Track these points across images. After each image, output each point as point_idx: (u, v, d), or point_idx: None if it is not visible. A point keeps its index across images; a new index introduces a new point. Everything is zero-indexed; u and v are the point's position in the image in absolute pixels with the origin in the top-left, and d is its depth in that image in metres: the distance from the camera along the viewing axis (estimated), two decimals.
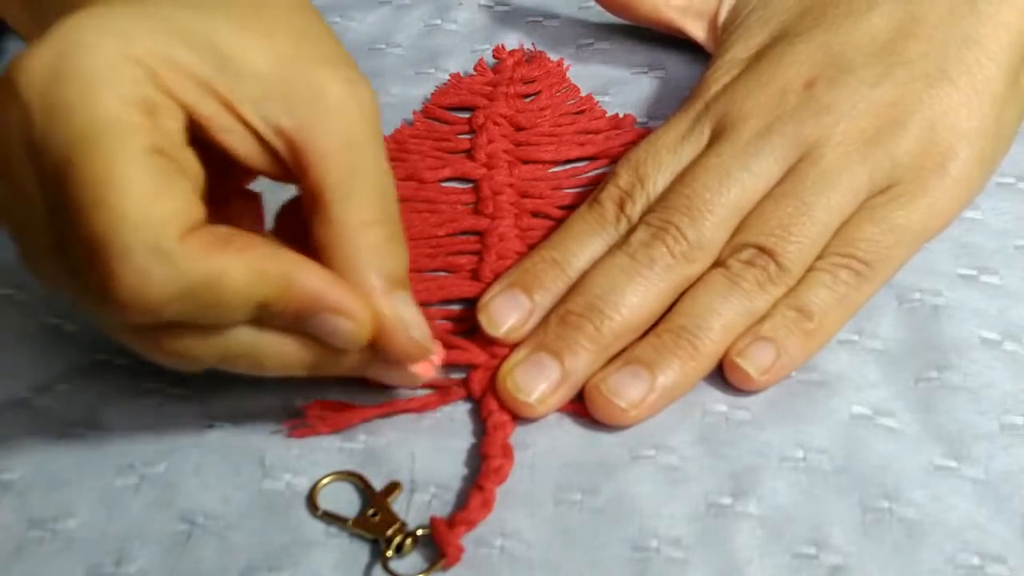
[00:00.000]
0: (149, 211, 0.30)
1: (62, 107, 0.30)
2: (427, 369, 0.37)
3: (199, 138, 0.33)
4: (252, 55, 0.33)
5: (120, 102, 0.31)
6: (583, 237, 0.40)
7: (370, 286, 0.34)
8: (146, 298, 0.30)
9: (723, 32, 0.47)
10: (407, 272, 0.35)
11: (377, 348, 0.35)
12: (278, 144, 0.34)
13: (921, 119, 0.41)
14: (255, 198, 0.38)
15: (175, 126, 0.32)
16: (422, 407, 0.38)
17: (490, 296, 0.39)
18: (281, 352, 0.34)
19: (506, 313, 0.39)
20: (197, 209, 0.32)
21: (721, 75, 0.44)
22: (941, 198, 0.41)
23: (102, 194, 0.30)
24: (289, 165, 0.34)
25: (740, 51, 0.45)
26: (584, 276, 0.39)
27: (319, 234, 0.34)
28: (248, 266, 0.32)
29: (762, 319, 0.38)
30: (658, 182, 0.41)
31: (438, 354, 0.37)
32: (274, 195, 0.39)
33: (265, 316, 0.33)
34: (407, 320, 0.34)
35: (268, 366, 0.34)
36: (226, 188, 0.36)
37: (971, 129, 0.41)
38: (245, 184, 0.37)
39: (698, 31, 0.49)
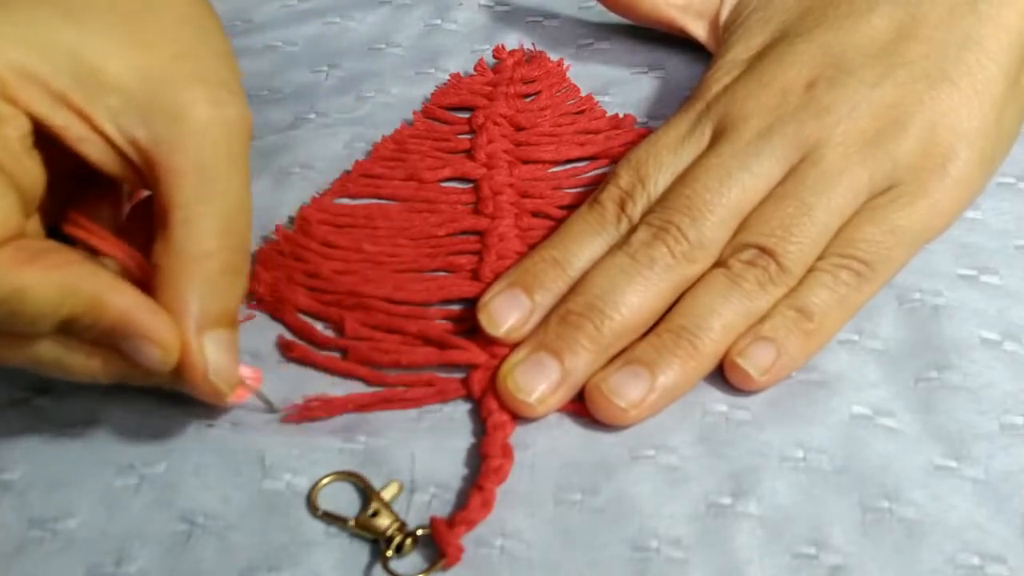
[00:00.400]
0: None
1: None
2: (236, 397, 0.36)
3: (53, 141, 0.33)
4: (116, 67, 0.33)
5: None
6: (584, 237, 0.40)
7: (185, 319, 0.34)
8: None
9: (724, 32, 0.47)
10: (235, 309, 0.35)
11: (179, 375, 0.34)
12: (134, 156, 0.34)
13: (922, 120, 0.41)
14: (117, 188, 0.37)
15: (15, 134, 0.32)
16: (418, 401, 0.38)
17: (490, 296, 0.39)
18: (87, 363, 0.34)
19: (506, 313, 0.39)
20: (14, 222, 0.32)
21: (722, 75, 0.44)
22: (942, 199, 0.41)
23: None
24: (145, 177, 0.34)
25: (741, 51, 0.45)
26: (584, 276, 0.39)
27: (156, 252, 0.34)
28: (55, 282, 0.32)
29: (762, 319, 0.38)
30: (659, 182, 0.41)
31: (253, 380, 0.37)
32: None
33: (72, 330, 0.33)
34: (211, 362, 0.34)
35: (74, 374, 0.35)
36: (91, 179, 0.36)
37: (971, 130, 0.41)
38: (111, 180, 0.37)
39: (699, 31, 0.49)
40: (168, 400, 0.38)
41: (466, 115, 0.49)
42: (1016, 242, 0.43)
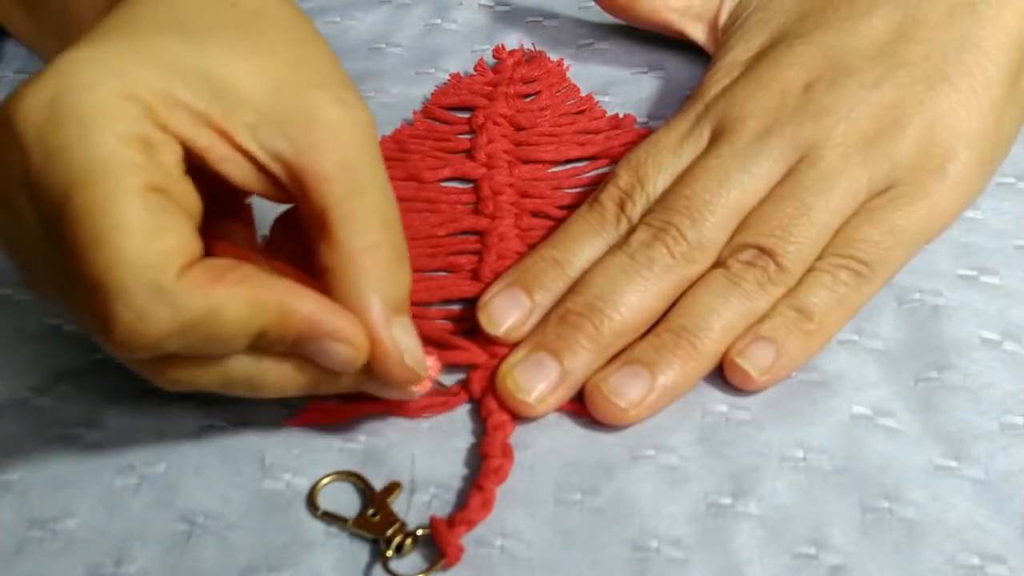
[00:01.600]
0: (147, 250, 0.30)
1: (59, 147, 0.30)
2: (422, 386, 0.37)
3: (196, 164, 0.33)
4: (245, 81, 0.33)
5: (117, 141, 0.31)
6: (583, 237, 0.40)
7: (370, 312, 0.34)
8: (145, 336, 0.31)
9: (723, 34, 0.47)
10: (408, 297, 0.35)
11: (372, 370, 0.35)
12: (276, 170, 0.34)
13: (921, 121, 0.41)
14: (247, 209, 0.38)
15: (172, 159, 0.32)
16: (421, 411, 0.38)
17: (490, 295, 0.39)
18: (279, 376, 0.34)
19: (506, 312, 0.39)
20: (194, 244, 0.32)
21: (721, 77, 0.44)
22: (941, 200, 0.41)
23: (100, 234, 0.30)
24: (289, 189, 0.34)
25: (740, 53, 0.45)
26: (584, 276, 0.39)
27: (322, 256, 0.34)
28: (245, 298, 0.32)
29: (762, 319, 0.38)
30: (658, 183, 0.41)
31: (433, 369, 0.37)
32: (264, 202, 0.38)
33: (263, 344, 0.33)
34: (404, 347, 0.34)
35: (267, 389, 0.34)
36: (221, 205, 0.36)
37: (971, 131, 0.41)
38: (241, 200, 0.38)
39: (698, 33, 0.49)
40: (168, 400, 0.38)
41: (466, 115, 0.49)
42: (1016, 242, 0.43)
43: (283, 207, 0.37)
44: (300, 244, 0.36)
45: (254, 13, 0.36)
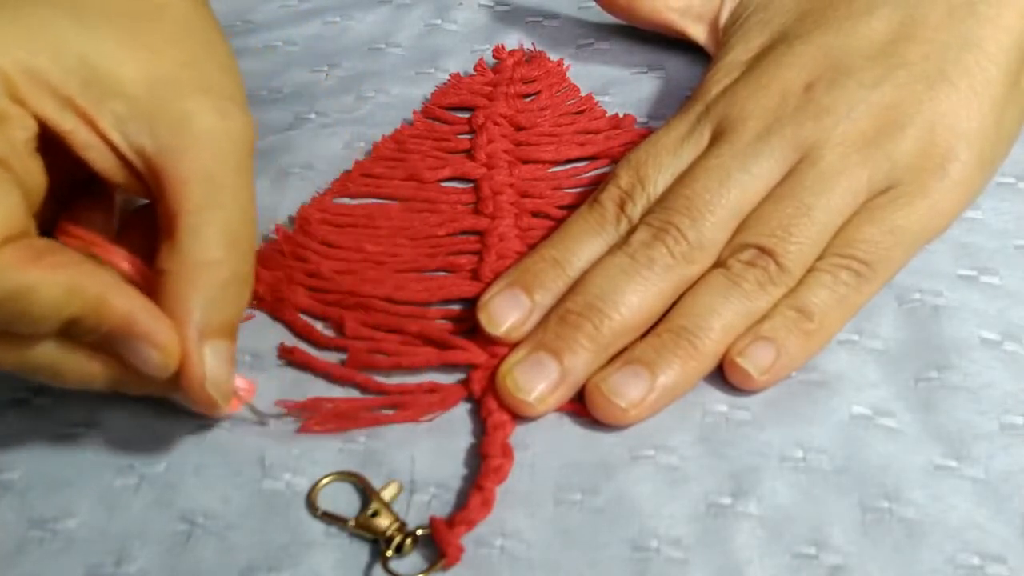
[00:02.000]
0: None
1: None
2: (231, 407, 0.36)
3: (57, 143, 0.33)
4: (125, 73, 0.33)
5: None
6: (583, 237, 0.40)
7: (187, 325, 0.33)
8: None
9: (724, 34, 0.47)
10: (237, 321, 0.35)
11: (176, 383, 0.34)
12: (138, 165, 0.33)
13: (921, 121, 0.41)
14: (110, 196, 0.37)
15: (21, 136, 0.32)
16: (418, 415, 0.38)
17: (490, 295, 0.39)
18: (83, 368, 0.34)
19: (506, 312, 0.39)
20: (20, 221, 0.32)
21: (721, 77, 0.44)
22: (941, 199, 0.41)
23: None
24: (149, 185, 0.34)
25: (740, 53, 0.45)
26: (584, 276, 0.39)
27: (162, 258, 0.34)
28: (62, 283, 0.32)
29: (762, 319, 0.38)
30: (658, 183, 0.41)
31: (245, 393, 0.37)
32: None
33: (74, 332, 0.33)
34: (209, 373, 0.34)
35: (68, 380, 0.34)
36: (83, 185, 0.36)
37: (971, 131, 0.41)
38: (109, 187, 0.37)
39: (699, 33, 0.49)
40: (168, 401, 0.38)
41: (466, 115, 0.49)
42: (1016, 242, 0.43)
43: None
44: (151, 240, 0.35)
45: (155, 5, 0.35)
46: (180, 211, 0.33)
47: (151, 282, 0.34)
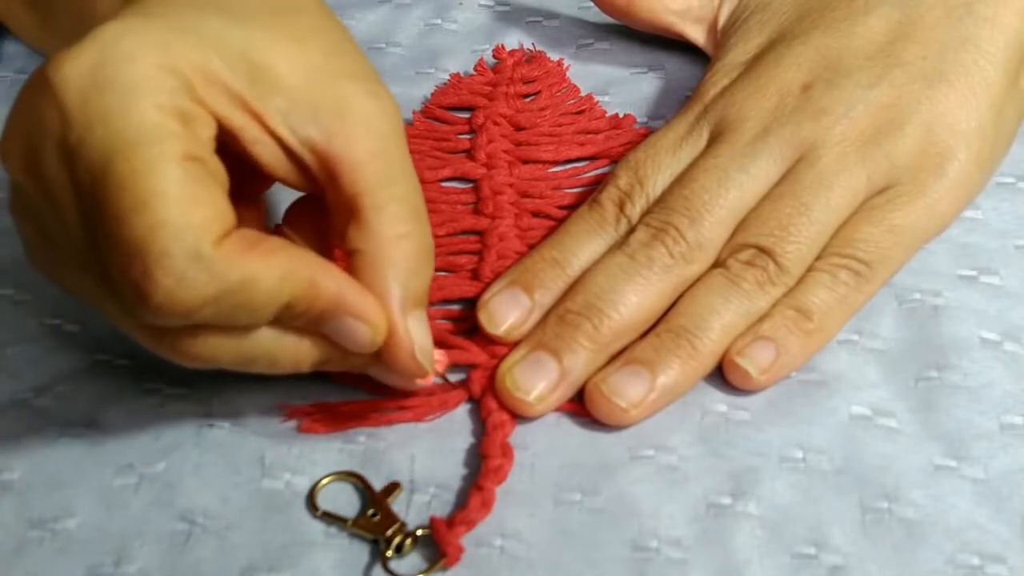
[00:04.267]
0: (188, 216, 0.31)
1: (102, 113, 0.31)
2: (425, 380, 0.37)
3: (224, 147, 0.33)
4: (282, 66, 0.34)
5: (158, 110, 0.31)
6: (583, 237, 0.40)
7: (391, 298, 0.34)
8: (182, 301, 0.31)
9: (722, 36, 0.48)
10: (427, 290, 0.36)
11: (381, 356, 0.35)
12: (305, 156, 0.34)
13: (919, 120, 0.41)
14: (261, 201, 0.38)
15: (207, 134, 0.33)
16: (420, 416, 0.38)
17: (490, 294, 0.39)
18: (296, 351, 0.35)
19: (506, 311, 0.39)
20: (230, 215, 0.32)
21: (720, 78, 0.44)
22: (940, 199, 0.41)
23: (142, 199, 0.30)
24: (317, 176, 0.34)
25: (739, 54, 0.45)
26: (583, 276, 0.39)
27: (352, 240, 0.34)
28: (278, 268, 0.32)
29: (762, 319, 0.38)
30: (657, 183, 0.41)
31: (440, 364, 0.38)
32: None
33: (287, 317, 0.33)
34: (416, 340, 0.35)
35: (281, 365, 0.35)
36: (235, 194, 0.36)
37: (969, 130, 0.41)
38: (259, 190, 0.38)
39: (697, 35, 0.49)
40: (168, 400, 0.38)
41: (466, 115, 0.49)
42: (1016, 242, 0.43)
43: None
44: (312, 233, 0.36)
45: (290, 1, 0.36)
46: (360, 192, 0.34)
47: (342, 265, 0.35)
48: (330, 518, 0.35)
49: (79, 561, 0.34)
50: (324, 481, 0.36)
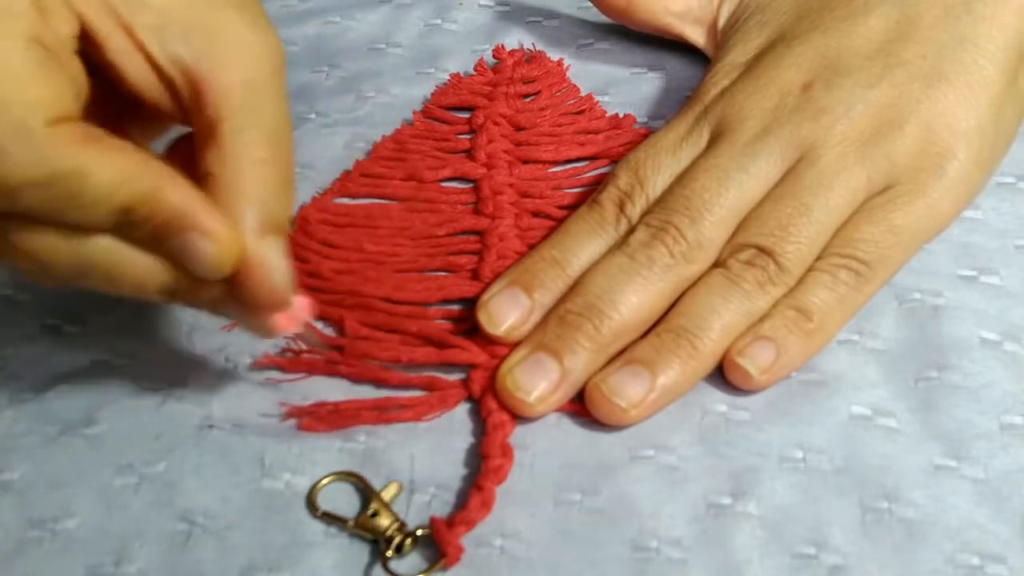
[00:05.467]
0: (20, 91, 0.30)
1: None
2: (288, 322, 0.36)
3: (95, 70, 0.33)
4: None
5: None
6: (583, 237, 0.40)
7: (245, 221, 0.33)
8: (4, 176, 0.30)
9: (722, 36, 0.48)
10: (286, 220, 0.35)
11: (235, 287, 0.34)
12: (174, 74, 0.34)
13: (918, 120, 0.41)
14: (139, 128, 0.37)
15: (66, 32, 0.32)
16: (420, 415, 0.38)
17: (490, 295, 0.39)
18: (138, 269, 0.34)
19: (506, 312, 0.39)
20: (72, 105, 0.32)
21: (720, 78, 0.44)
22: (940, 199, 0.41)
23: None
24: (183, 97, 0.34)
25: (739, 55, 0.45)
26: (583, 276, 0.39)
27: (207, 162, 0.34)
28: (116, 167, 0.32)
29: (762, 319, 0.38)
30: (657, 183, 0.41)
31: (303, 308, 0.36)
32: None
33: (127, 225, 0.32)
34: (272, 264, 0.34)
35: (123, 283, 0.34)
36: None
37: (969, 130, 0.41)
38: (146, 136, 0.37)
39: (697, 36, 0.49)
40: (168, 400, 0.38)
41: (466, 115, 0.49)
42: (1016, 242, 0.43)
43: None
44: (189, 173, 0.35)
45: None
46: (221, 116, 0.34)
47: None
48: (330, 518, 0.35)
49: (79, 561, 0.34)
50: (324, 481, 0.36)
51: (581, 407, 0.38)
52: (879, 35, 0.43)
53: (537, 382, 0.37)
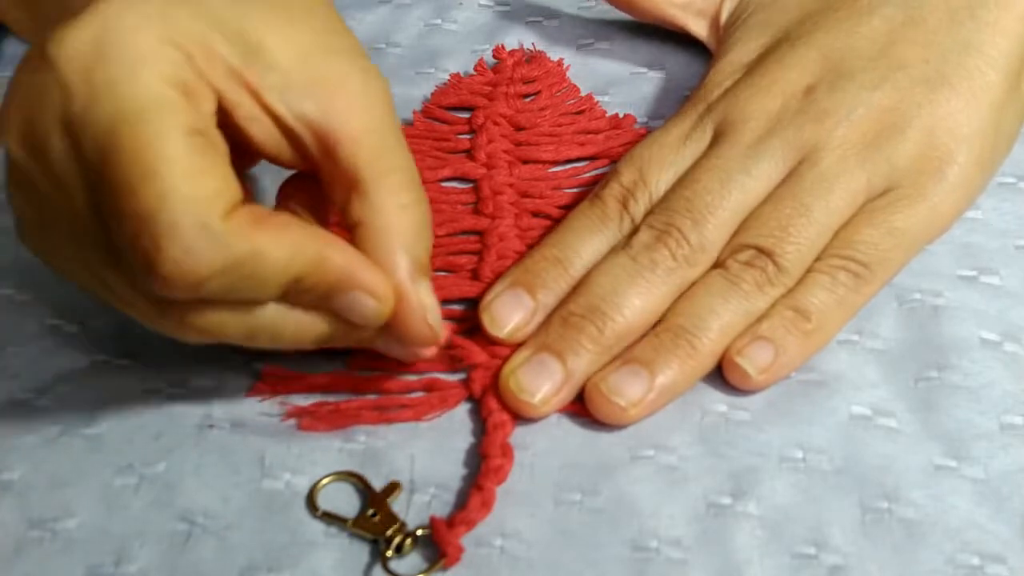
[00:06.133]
0: (196, 187, 0.31)
1: (106, 84, 0.31)
2: (431, 349, 0.37)
3: (221, 126, 0.34)
4: (277, 45, 0.34)
5: (162, 82, 0.32)
6: (585, 234, 0.40)
7: (399, 269, 0.35)
8: (191, 273, 0.31)
9: (724, 32, 0.48)
10: (429, 259, 0.36)
11: (391, 327, 0.35)
12: (301, 131, 0.34)
13: (920, 124, 0.41)
14: (248, 180, 0.39)
15: (209, 109, 0.33)
16: (420, 415, 0.38)
17: (493, 296, 0.39)
18: (300, 326, 0.35)
19: (509, 313, 0.39)
20: (237, 188, 0.32)
21: (723, 78, 0.44)
22: (940, 203, 0.41)
23: (151, 168, 0.31)
24: (311, 153, 0.35)
25: (742, 54, 0.45)
26: (586, 277, 0.39)
27: (355, 212, 0.35)
28: (287, 242, 0.33)
29: (760, 319, 0.38)
30: (660, 181, 0.41)
31: (443, 337, 0.38)
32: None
33: (295, 292, 0.34)
34: (427, 306, 0.36)
35: (285, 340, 0.35)
36: None
37: (970, 135, 0.41)
38: (243, 169, 0.38)
39: (700, 29, 0.49)
40: (168, 400, 0.38)
41: (466, 115, 0.49)
42: (1016, 242, 0.43)
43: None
44: (305, 210, 0.37)
45: None
46: (360, 165, 0.35)
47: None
48: (330, 518, 0.35)
49: (79, 561, 0.34)
50: (324, 481, 0.36)
51: (581, 407, 0.38)
52: (882, 36, 0.43)
53: (541, 383, 0.37)
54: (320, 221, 0.37)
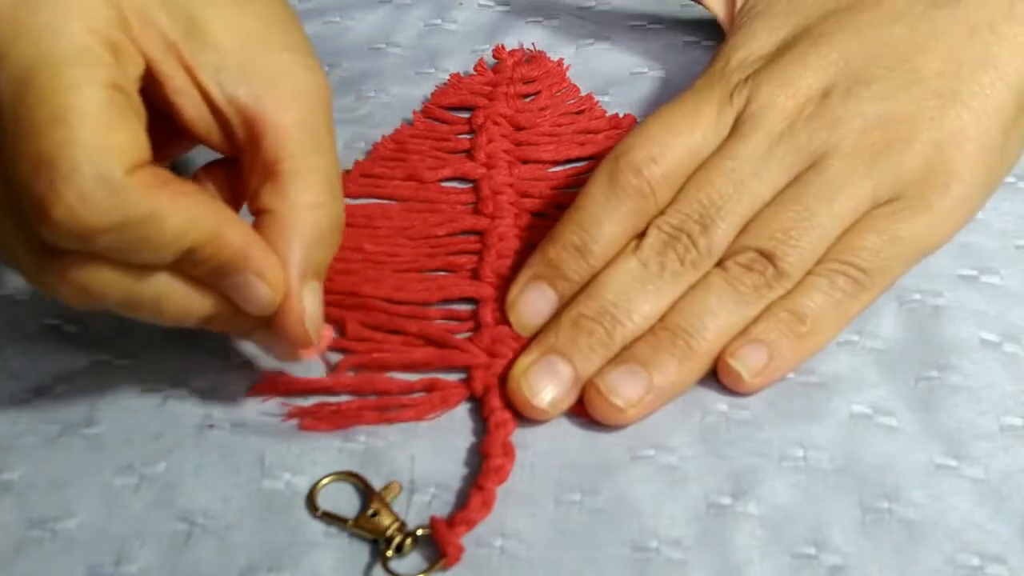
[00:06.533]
0: (103, 139, 0.31)
1: (31, 28, 0.31)
2: (309, 352, 0.37)
3: (150, 99, 0.34)
4: (220, 27, 0.35)
5: (90, 34, 0.32)
6: (603, 216, 0.40)
7: (292, 263, 0.35)
8: (84, 221, 0.31)
9: (740, 15, 0.47)
10: (328, 264, 0.36)
11: (270, 321, 0.35)
12: (231, 114, 0.35)
13: (929, 139, 0.41)
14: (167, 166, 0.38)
15: (135, 73, 0.33)
16: (421, 414, 0.38)
17: (517, 291, 0.40)
18: (187, 302, 0.35)
19: (537, 310, 0.39)
20: (146, 149, 0.32)
21: (743, 66, 0.43)
22: (941, 216, 0.41)
23: (59, 114, 0.31)
24: (237, 137, 0.35)
25: (762, 45, 0.44)
26: (596, 279, 0.39)
27: (266, 200, 0.35)
28: (187, 211, 0.32)
29: (756, 321, 0.38)
30: (679, 167, 0.40)
31: (325, 340, 0.38)
32: None
33: (187, 264, 0.33)
34: (308, 311, 0.35)
35: (167, 315, 0.35)
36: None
37: (977, 152, 0.41)
38: (169, 155, 0.38)
39: (715, 5, 0.49)
40: (168, 400, 0.38)
41: (466, 115, 0.49)
42: (1016, 242, 0.43)
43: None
44: (220, 193, 0.37)
45: None
46: (281, 157, 0.35)
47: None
48: (330, 518, 0.35)
49: (79, 561, 0.34)
50: (324, 481, 0.36)
51: (581, 407, 0.38)
52: (903, 44, 0.42)
53: (550, 385, 0.37)
54: (231, 206, 0.37)
